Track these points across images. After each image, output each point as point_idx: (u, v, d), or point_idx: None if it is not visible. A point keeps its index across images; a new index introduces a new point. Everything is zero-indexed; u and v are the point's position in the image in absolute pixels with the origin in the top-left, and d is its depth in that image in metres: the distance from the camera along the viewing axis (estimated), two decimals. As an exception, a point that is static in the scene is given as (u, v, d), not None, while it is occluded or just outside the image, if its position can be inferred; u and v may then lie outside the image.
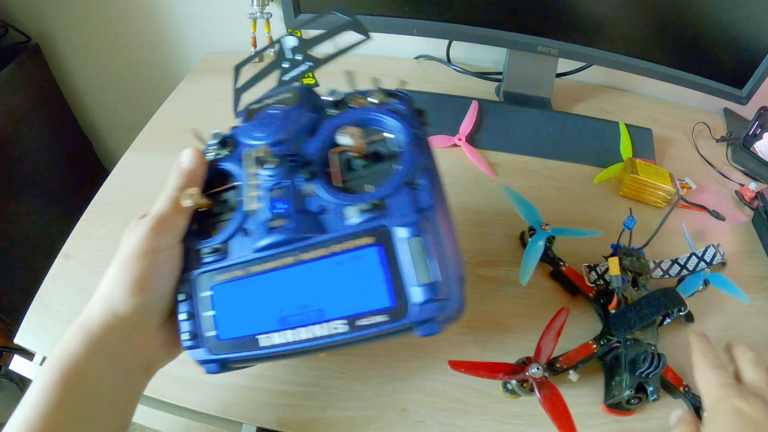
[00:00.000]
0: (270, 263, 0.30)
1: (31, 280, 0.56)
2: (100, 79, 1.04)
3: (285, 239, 0.30)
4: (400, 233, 0.28)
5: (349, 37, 0.36)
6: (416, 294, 0.27)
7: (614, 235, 0.54)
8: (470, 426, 0.44)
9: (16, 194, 0.92)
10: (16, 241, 0.93)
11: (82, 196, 0.64)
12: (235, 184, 0.34)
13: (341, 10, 0.35)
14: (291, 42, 0.36)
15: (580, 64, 0.79)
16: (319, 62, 0.36)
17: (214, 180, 0.35)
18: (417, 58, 0.87)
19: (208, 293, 0.32)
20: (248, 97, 0.37)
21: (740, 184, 0.69)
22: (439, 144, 0.68)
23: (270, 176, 0.31)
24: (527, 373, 0.40)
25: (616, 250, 0.53)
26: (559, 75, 0.79)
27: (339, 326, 0.28)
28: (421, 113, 0.33)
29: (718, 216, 0.63)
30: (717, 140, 0.77)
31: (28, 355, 0.50)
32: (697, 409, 0.43)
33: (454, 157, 0.67)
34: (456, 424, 0.44)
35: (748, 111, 0.73)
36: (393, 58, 0.86)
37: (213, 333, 0.31)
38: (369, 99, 0.32)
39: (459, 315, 0.30)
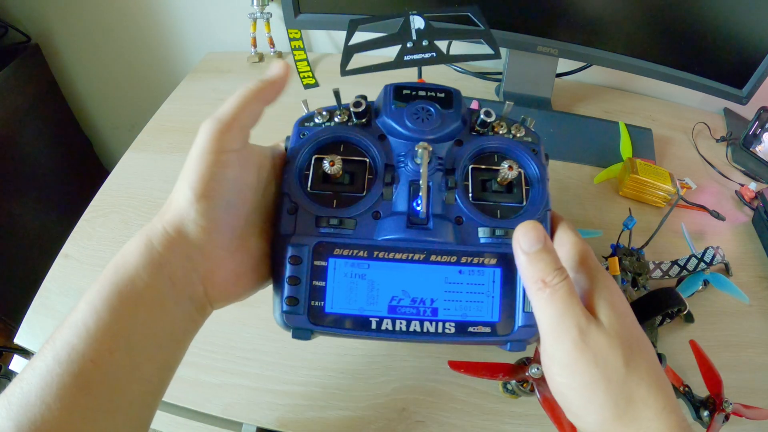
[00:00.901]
0: (397, 254, 0.32)
1: (31, 280, 0.56)
2: (100, 80, 1.04)
3: (420, 239, 0.32)
4: None
5: (479, 46, 0.36)
6: (521, 318, 0.31)
7: (614, 235, 0.54)
8: (470, 426, 0.44)
9: (16, 194, 0.92)
10: (16, 241, 0.93)
11: (82, 196, 0.64)
12: (364, 159, 0.35)
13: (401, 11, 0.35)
14: (418, 22, 0.36)
15: (580, 64, 0.79)
16: (442, 58, 0.35)
17: (335, 146, 0.35)
18: (417, 58, 0.87)
19: (323, 263, 0.32)
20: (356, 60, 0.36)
21: (740, 184, 0.69)
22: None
23: (417, 172, 0.32)
24: (527, 374, 0.40)
25: (616, 250, 0.53)
26: (559, 75, 0.79)
27: (449, 328, 0.32)
28: (547, 157, 0.36)
29: (718, 216, 0.63)
30: (717, 140, 0.77)
31: (28, 355, 0.50)
32: (696, 409, 0.43)
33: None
34: (456, 424, 0.44)
35: (748, 111, 0.73)
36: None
37: (320, 304, 0.32)
38: (512, 131, 0.36)
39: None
